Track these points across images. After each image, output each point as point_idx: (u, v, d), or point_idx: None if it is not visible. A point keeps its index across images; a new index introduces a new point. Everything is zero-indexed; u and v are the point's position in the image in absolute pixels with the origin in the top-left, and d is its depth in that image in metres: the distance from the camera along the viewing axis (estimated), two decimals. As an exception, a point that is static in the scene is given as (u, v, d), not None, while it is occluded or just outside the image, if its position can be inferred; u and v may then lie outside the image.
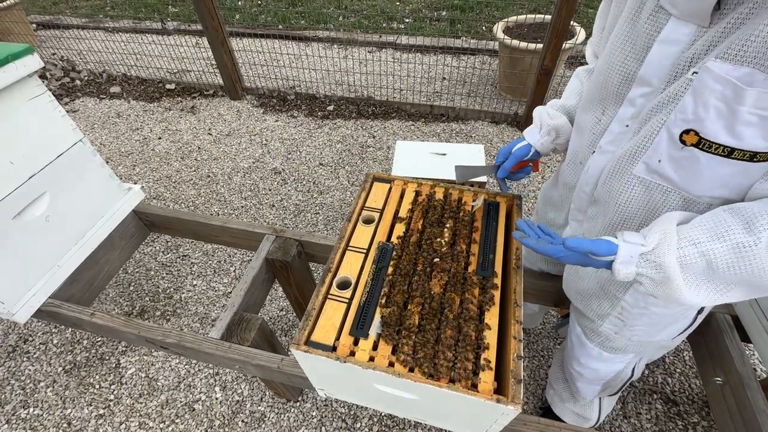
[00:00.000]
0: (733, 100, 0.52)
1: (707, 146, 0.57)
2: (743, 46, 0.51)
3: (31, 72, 1.07)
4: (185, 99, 3.40)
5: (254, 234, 1.40)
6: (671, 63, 0.61)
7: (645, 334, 0.92)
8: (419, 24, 4.29)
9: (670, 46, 0.60)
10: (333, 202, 2.42)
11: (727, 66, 0.52)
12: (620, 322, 0.91)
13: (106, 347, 1.78)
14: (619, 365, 1.07)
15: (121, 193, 1.41)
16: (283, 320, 1.87)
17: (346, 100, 3.23)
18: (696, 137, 0.58)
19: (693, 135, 0.58)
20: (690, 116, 0.57)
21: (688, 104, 0.57)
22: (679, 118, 0.59)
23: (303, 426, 1.52)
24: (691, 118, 0.57)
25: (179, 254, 2.16)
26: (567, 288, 1.04)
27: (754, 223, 0.55)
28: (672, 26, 0.59)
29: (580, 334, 1.07)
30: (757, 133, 0.53)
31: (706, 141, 0.57)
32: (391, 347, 0.78)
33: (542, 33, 2.91)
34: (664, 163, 0.64)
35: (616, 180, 0.74)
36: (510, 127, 2.92)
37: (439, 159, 1.82)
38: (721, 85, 0.53)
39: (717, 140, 0.56)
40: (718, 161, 0.58)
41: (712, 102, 0.54)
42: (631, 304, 0.86)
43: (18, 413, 1.59)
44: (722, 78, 0.52)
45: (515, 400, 0.68)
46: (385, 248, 0.94)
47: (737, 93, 0.52)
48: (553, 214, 1.05)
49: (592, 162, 0.79)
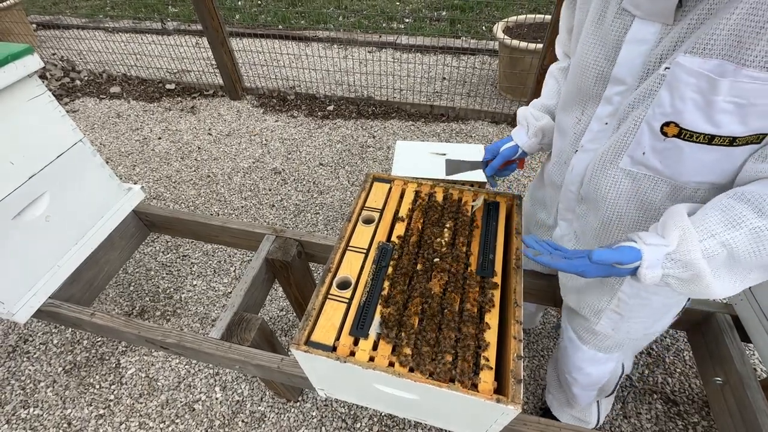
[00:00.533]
0: (708, 91, 0.54)
1: (688, 136, 0.59)
2: (710, 40, 0.52)
3: (31, 72, 1.07)
4: (185, 99, 3.40)
5: (254, 234, 1.40)
6: (642, 61, 0.63)
7: (642, 327, 0.92)
8: (419, 24, 4.29)
9: (639, 45, 0.62)
10: (333, 202, 2.42)
11: (698, 59, 0.54)
12: (617, 315, 0.90)
13: (106, 347, 1.78)
14: (611, 364, 1.07)
15: (121, 193, 1.41)
16: (283, 320, 1.87)
17: (346, 100, 3.23)
18: (676, 128, 0.60)
19: (673, 127, 0.60)
20: (668, 109, 0.59)
21: (665, 98, 0.59)
22: (657, 112, 0.61)
23: (303, 426, 1.52)
24: (669, 111, 0.59)
25: (179, 254, 2.16)
26: (564, 285, 1.04)
27: (763, 206, 0.56)
28: (637, 26, 0.61)
29: (573, 338, 1.06)
30: (734, 120, 0.55)
31: (687, 131, 0.59)
32: (391, 347, 0.78)
33: (542, 33, 2.91)
34: (648, 154, 0.66)
35: (602, 176, 0.74)
36: (510, 127, 2.92)
37: (439, 159, 1.81)
38: (694, 77, 0.54)
39: (697, 129, 0.58)
40: (700, 148, 0.60)
41: (688, 94, 0.56)
42: (629, 294, 0.85)
43: (18, 413, 1.59)
44: (694, 71, 0.54)
45: (515, 400, 0.68)
46: (385, 248, 0.94)
47: (711, 84, 0.53)
48: (543, 214, 1.05)
49: (576, 161, 0.80)
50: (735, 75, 0.52)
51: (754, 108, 0.53)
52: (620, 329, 0.93)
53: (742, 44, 0.50)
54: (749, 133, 0.56)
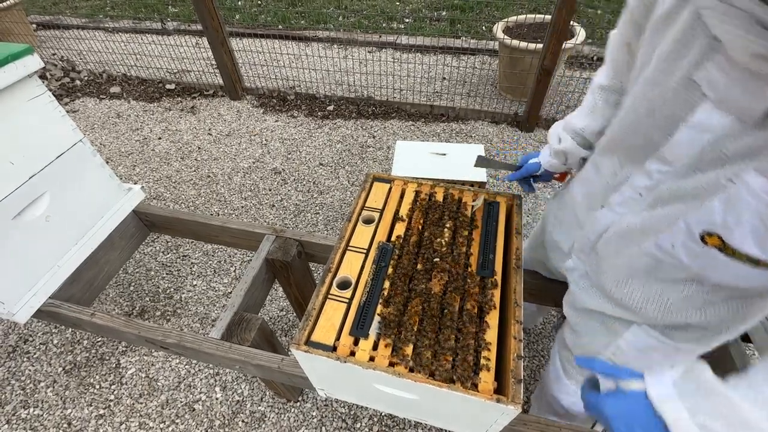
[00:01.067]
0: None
1: (731, 252, 0.52)
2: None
3: (31, 72, 1.07)
4: (185, 99, 3.40)
5: (254, 234, 1.40)
6: (699, 152, 0.53)
7: None
8: (419, 24, 4.29)
9: (702, 134, 0.51)
10: (333, 202, 2.42)
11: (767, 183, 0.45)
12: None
13: (106, 347, 1.78)
14: None
15: (121, 194, 1.41)
16: (283, 320, 1.87)
17: (346, 100, 3.23)
18: (719, 241, 0.52)
19: (716, 239, 0.52)
20: (717, 222, 0.51)
21: (717, 210, 0.51)
22: (704, 219, 0.52)
23: (303, 426, 1.52)
24: (719, 224, 0.51)
25: (179, 254, 2.16)
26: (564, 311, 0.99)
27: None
28: (706, 112, 0.50)
29: (559, 369, 1.03)
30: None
31: (731, 248, 0.51)
32: (391, 347, 0.78)
33: (542, 33, 2.91)
34: (677, 249, 0.59)
35: (623, 246, 0.70)
36: (510, 127, 2.92)
37: (439, 159, 1.81)
38: (760, 203, 0.46)
39: (743, 250, 0.50)
40: (740, 267, 0.53)
41: (746, 216, 0.48)
42: (631, 343, 0.78)
43: (18, 413, 1.59)
44: (760, 196, 0.46)
45: (515, 400, 0.68)
46: (385, 248, 0.94)
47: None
48: (561, 237, 0.97)
49: (600, 215, 0.76)
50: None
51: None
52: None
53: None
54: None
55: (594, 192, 0.80)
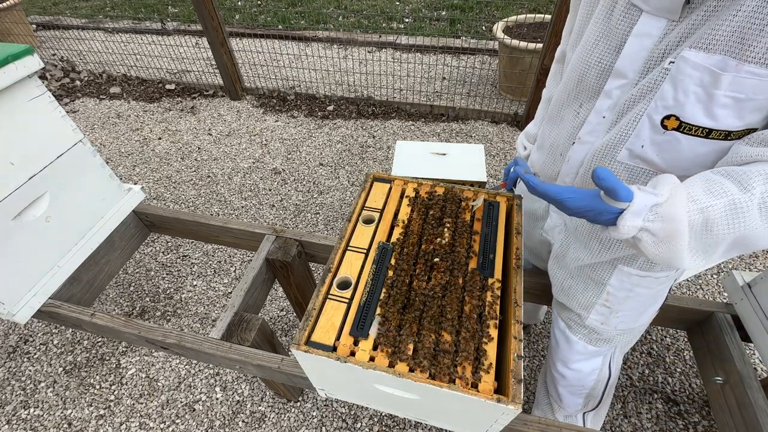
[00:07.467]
0: (710, 84, 0.57)
1: (687, 129, 0.62)
2: (714, 36, 0.55)
3: (31, 73, 1.07)
4: (185, 99, 3.40)
5: (254, 234, 1.40)
6: (646, 55, 0.65)
7: (629, 319, 0.95)
8: (419, 24, 4.29)
9: (644, 39, 0.64)
10: (333, 202, 2.42)
11: (702, 54, 0.57)
12: (606, 309, 0.94)
13: (106, 348, 1.78)
14: (599, 360, 1.08)
15: (121, 194, 1.41)
16: (284, 320, 1.87)
17: (346, 100, 3.23)
18: (677, 122, 0.63)
19: (674, 120, 0.63)
20: (670, 102, 0.62)
21: (668, 91, 0.61)
22: (659, 105, 0.63)
23: (303, 426, 1.52)
24: (672, 104, 0.62)
25: (179, 254, 2.16)
26: (554, 282, 1.06)
27: (746, 182, 0.58)
28: (645, 21, 0.63)
29: (564, 328, 1.08)
30: (731, 114, 0.58)
31: (686, 124, 0.62)
32: (392, 347, 0.78)
33: (542, 33, 2.91)
34: (646, 147, 0.69)
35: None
36: (510, 126, 2.92)
37: (439, 159, 1.81)
38: (698, 71, 0.57)
39: (696, 123, 0.61)
40: (697, 142, 0.63)
41: (690, 88, 0.59)
42: (617, 287, 0.89)
43: (18, 414, 1.59)
44: (699, 65, 0.57)
45: (516, 400, 0.68)
46: (385, 248, 0.94)
47: (714, 78, 0.56)
48: (534, 204, 1.07)
49: (572, 153, 0.82)
50: (736, 70, 0.54)
51: (752, 102, 0.56)
52: (609, 323, 0.96)
53: (745, 41, 0.53)
54: (743, 127, 0.59)
55: (559, 141, 0.87)
